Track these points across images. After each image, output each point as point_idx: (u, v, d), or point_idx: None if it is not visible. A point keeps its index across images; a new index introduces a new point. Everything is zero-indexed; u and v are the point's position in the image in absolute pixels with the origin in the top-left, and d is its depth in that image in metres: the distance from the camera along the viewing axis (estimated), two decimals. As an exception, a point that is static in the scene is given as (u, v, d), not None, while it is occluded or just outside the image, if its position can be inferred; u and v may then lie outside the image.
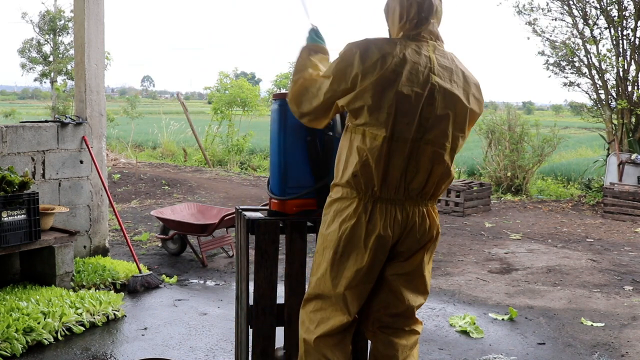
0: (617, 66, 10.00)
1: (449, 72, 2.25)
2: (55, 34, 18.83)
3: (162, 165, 13.92)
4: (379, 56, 2.16)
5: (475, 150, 12.21)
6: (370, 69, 2.15)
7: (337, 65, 2.21)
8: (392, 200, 2.23)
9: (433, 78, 2.19)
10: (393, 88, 2.14)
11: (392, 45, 2.20)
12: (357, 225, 2.22)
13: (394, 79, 2.14)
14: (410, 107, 2.16)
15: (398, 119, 2.15)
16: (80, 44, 5.01)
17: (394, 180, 2.20)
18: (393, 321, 2.42)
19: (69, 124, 4.87)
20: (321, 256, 2.32)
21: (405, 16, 2.26)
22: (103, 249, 5.23)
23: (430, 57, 2.22)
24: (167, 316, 4.13)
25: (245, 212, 2.77)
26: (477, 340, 3.84)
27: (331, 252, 2.27)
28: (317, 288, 2.33)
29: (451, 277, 5.28)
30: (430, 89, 2.18)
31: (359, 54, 2.17)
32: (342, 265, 2.26)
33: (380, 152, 2.16)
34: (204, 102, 48.21)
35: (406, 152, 2.18)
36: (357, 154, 2.20)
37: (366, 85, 2.15)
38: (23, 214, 3.95)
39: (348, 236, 2.23)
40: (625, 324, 4.17)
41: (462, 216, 8.29)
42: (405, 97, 2.15)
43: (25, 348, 3.43)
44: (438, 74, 2.21)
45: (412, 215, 2.27)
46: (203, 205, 6.18)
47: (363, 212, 2.22)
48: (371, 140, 2.17)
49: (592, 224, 8.01)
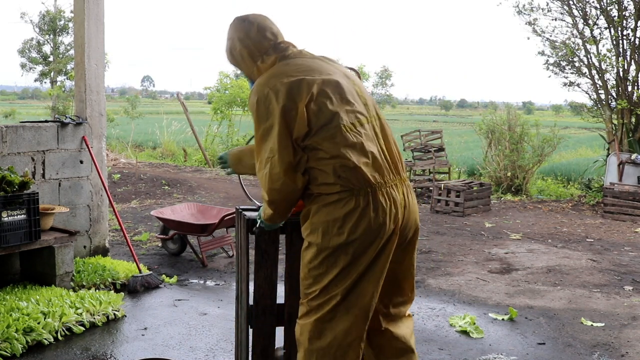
0: (617, 66, 10.00)
1: (334, 63, 2.40)
2: (55, 34, 18.86)
3: (162, 165, 13.92)
4: (294, 85, 2.18)
5: (475, 150, 12.22)
6: (296, 98, 2.16)
7: (263, 116, 2.19)
8: (386, 184, 2.20)
9: (338, 68, 2.36)
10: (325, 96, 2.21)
11: (286, 68, 2.25)
12: (363, 221, 2.15)
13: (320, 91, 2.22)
14: (347, 94, 2.25)
15: (344, 109, 2.21)
16: (80, 44, 5.01)
17: (376, 162, 2.20)
18: (396, 311, 2.45)
19: (69, 124, 4.87)
20: (323, 266, 2.20)
21: (259, 52, 2.32)
22: (103, 249, 5.23)
23: (317, 57, 2.36)
24: (167, 316, 4.13)
25: (246, 212, 2.77)
26: (477, 340, 3.84)
27: (341, 256, 2.17)
28: (326, 295, 2.22)
29: (451, 277, 5.28)
30: (347, 75, 2.35)
31: (274, 94, 2.17)
32: (356, 265, 2.18)
33: (345, 142, 2.17)
34: (204, 102, 48.21)
35: (369, 133, 2.24)
36: (325, 160, 2.17)
37: (300, 114, 2.16)
38: (23, 214, 3.95)
39: (357, 235, 2.15)
40: (625, 324, 4.17)
41: (462, 216, 8.30)
42: (337, 89, 2.23)
43: (25, 348, 3.43)
44: (335, 65, 2.37)
45: (407, 194, 2.30)
46: (203, 205, 6.18)
47: (365, 206, 2.15)
48: (331, 141, 2.16)
49: (592, 224, 8.01)
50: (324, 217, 2.19)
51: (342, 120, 2.18)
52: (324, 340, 2.23)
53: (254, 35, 2.32)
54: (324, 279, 2.21)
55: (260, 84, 2.23)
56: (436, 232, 7.23)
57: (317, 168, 2.18)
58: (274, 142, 2.15)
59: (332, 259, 2.19)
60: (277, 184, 2.18)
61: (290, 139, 2.15)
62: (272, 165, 2.17)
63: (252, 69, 2.35)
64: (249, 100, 2.28)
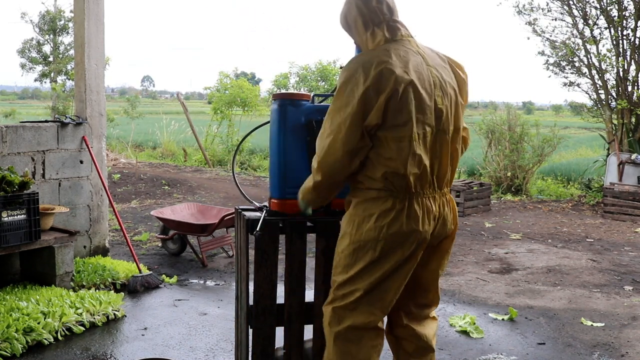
0: (617, 66, 10.00)
1: (436, 61, 2.34)
2: (55, 34, 18.84)
3: (162, 165, 13.92)
4: (384, 75, 2.15)
5: (475, 150, 12.19)
6: (381, 88, 2.15)
7: (346, 91, 2.19)
8: (424, 194, 2.26)
9: (432, 72, 2.27)
10: (407, 93, 2.18)
11: (386, 54, 2.21)
12: (396, 223, 2.22)
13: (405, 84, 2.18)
14: (425, 104, 2.22)
15: (417, 117, 2.20)
16: (80, 44, 5.01)
17: (424, 174, 2.24)
18: (419, 311, 2.50)
19: (69, 124, 4.87)
20: (352, 256, 2.28)
21: (372, 22, 2.28)
22: (103, 249, 5.23)
23: (420, 53, 2.29)
24: (167, 316, 4.13)
25: (245, 212, 2.77)
26: (477, 340, 3.84)
27: (369, 251, 2.25)
28: (350, 286, 2.31)
29: (451, 277, 5.28)
30: (434, 82, 2.26)
31: (363, 76, 2.16)
32: (382, 263, 2.25)
33: (408, 151, 2.18)
34: (204, 102, 48.22)
35: (428, 146, 2.24)
36: (383, 158, 2.20)
37: (379, 105, 2.15)
38: (23, 214, 3.95)
39: (388, 234, 2.22)
40: (625, 324, 4.17)
41: (462, 216, 8.29)
42: (419, 96, 2.20)
43: (25, 348, 3.43)
44: (433, 67, 2.29)
45: (442, 206, 2.33)
46: (203, 205, 6.18)
47: (400, 209, 2.22)
48: (396, 143, 2.18)
49: (592, 224, 8.01)
50: (361, 211, 2.27)
51: (414, 127, 2.19)
52: (341, 326, 2.33)
53: (373, 5, 2.29)
54: (350, 270, 2.30)
55: (357, 61, 2.22)
56: (436, 232, 7.23)
57: (371, 160, 2.23)
58: (346, 119, 2.17)
59: (362, 252, 2.27)
60: (331, 158, 2.22)
61: (361, 123, 2.17)
62: (334, 140, 2.20)
63: (363, 37, 2.32)
64: (344, 67, 2.25)
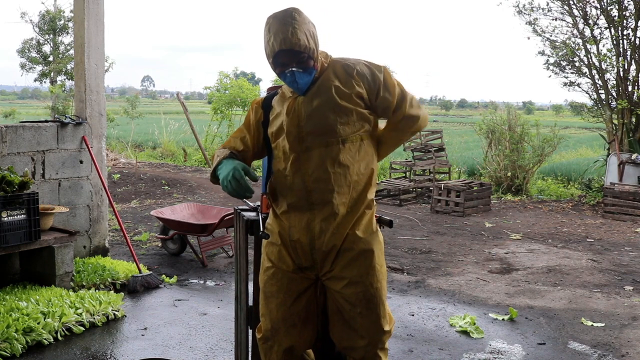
0: (617, 66, 9.99)
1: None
2: (55, 34, 18.82)
3: (162, 165, 13.92)
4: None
5: (476, 150, 12.21)
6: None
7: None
8: None
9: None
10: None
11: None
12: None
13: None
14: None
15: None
16: (80, 44, 5.01)
17: None
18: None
19: (68, 124, 4.86)
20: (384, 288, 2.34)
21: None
22: (103, 249, 5.23)
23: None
24: (167, 316, 4.12)
25: (244, 213, 2.76)
26: (477, 340, 3.84)
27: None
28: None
29: (451, 277, 5.28)
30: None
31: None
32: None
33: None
34: (204, 102, 48.22)
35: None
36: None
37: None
38: (23, 214, 3.94)
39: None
40: (626, 324, 4.17)
41: (462, 216, 8.29)
42: None
43: (25, 348, 3.43)
44: None
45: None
46: (203, 205, 6.17)
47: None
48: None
49: (593, 224, 8.00)
50: (375, 225, 2.37)
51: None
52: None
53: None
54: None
55: (370, 62, 2.31)
56: (436, 232, 7.23)
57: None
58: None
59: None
60: (424, 123, 2.41)
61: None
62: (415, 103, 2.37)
63: (318, 56, 2.26)
64: (379, 70, 2.29)
